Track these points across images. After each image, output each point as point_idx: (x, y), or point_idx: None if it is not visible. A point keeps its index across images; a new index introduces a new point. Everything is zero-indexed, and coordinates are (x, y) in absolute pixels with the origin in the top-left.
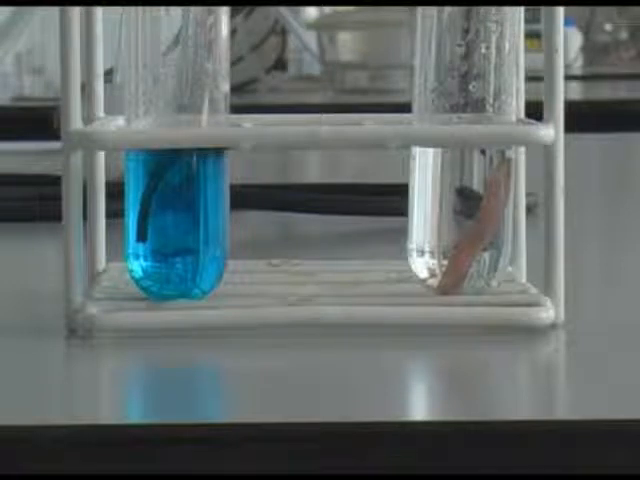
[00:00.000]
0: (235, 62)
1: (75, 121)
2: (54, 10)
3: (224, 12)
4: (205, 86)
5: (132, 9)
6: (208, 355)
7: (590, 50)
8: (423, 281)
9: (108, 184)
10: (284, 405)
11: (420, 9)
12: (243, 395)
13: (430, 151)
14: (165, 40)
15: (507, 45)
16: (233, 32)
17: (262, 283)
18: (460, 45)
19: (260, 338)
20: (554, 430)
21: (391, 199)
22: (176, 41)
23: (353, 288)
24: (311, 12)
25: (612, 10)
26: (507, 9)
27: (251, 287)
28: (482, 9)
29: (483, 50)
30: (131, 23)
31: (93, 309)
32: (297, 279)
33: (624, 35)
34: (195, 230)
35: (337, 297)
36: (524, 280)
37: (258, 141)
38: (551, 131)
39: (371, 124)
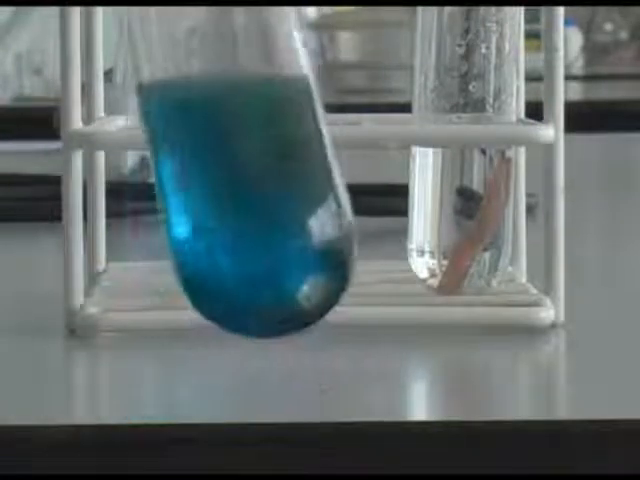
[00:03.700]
0: None
1: (75, 121)
2: (54, 10)
3: None
4: None
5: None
6: (208, 355)
7: (590, 50)
8: (423, 281)
9: (108, 184)
10: (284, 405)
11: (420, 9)
12: (243, 395)
13: (430, 151)
14: None
15: (507, 45)
16: None
17: None
18: (460, 45)
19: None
20: (554, 430)
21: (391, 199)
22: None
23: (353, 288)
24: (311, 12)
25: (612, 10)
26: (507, 9)
27: None
28: (482, 9)
29: (483, 50)
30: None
31: (93, 309)
32: None
33: (624, 35)
34: None
35: None
36: (524, 280)
37: None
38: (551, 131)
39: (371, 124)
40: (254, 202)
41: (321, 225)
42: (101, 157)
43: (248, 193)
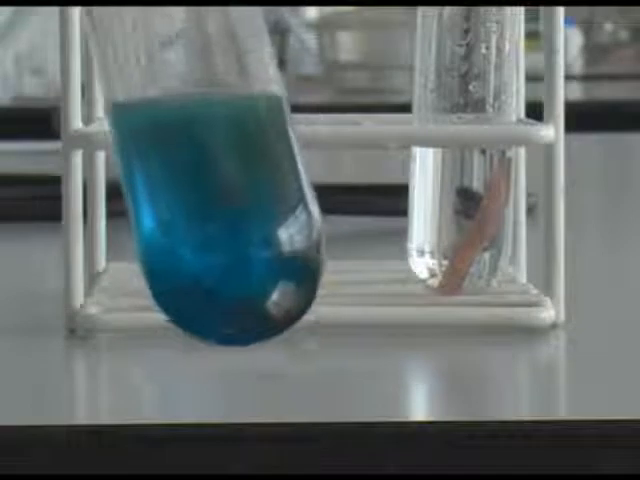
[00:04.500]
0: None
1: (75, 121)
2: (54, 10)
3: None
4: None
5: None
6: (208, 355)
7: (590, 50)
8: (423, 281)
9: (108, 184)
10: (284, 405)
11: (420, 9)
12: (243, 395)
13: (430, 151)
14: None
15: (507, 45)
16: None
17: None
18: (460, 45)
19: None
20: (554, 430)
21: (391, 199)
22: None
23: (353, 288)
24: (311, 12)
25: (612, 10)
26: (507, 9)
27: None
28: (482, 9)
29: (483, 50)
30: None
31: (93, 309)
32: None
33: (624, 35)
34: None
35: (337, 297)
36: (524, 280)
37: None
38: (551, 131)
39: (371, 124)
40: (223, 216)
41: (290, 236)
42: (101, 157)
43: (217, 207)
